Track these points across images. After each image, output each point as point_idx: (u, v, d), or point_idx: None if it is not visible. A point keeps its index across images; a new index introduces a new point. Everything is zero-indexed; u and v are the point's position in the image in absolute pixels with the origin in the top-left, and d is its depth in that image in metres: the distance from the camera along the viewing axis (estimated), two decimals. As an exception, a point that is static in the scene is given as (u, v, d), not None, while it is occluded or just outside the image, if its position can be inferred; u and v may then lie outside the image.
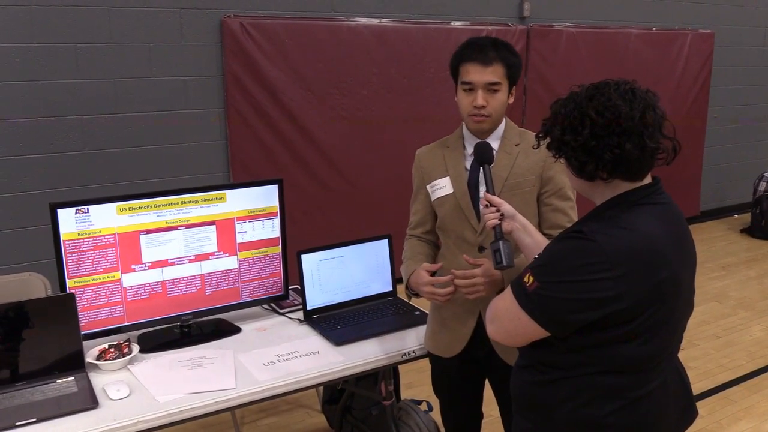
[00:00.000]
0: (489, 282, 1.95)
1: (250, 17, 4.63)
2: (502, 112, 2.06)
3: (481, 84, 1.99)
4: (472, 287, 1.95)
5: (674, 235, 1.48)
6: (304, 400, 3.54)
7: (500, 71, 1.99)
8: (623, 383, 1.46)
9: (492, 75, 1.98)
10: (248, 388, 2.05)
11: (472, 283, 1.95)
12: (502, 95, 2.02)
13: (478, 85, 1.99)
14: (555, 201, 2.08)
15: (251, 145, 4.78)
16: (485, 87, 1.99)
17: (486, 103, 2.00)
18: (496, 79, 1.99)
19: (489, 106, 2.00)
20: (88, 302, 2.25)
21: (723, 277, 5.79)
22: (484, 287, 1.95)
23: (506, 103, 2.05)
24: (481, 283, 1.94)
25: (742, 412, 3.54)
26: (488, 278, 1.94)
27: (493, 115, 2.02)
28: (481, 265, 1.96)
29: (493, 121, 2.05)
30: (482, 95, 1.99)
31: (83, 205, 2.20)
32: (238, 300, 2.53)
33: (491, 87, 1.99)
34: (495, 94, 2.00)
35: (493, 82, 1.99)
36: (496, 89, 2.00)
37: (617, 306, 1.39)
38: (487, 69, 1.98)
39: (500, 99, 2.02)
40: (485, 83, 1.99)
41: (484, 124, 2.04)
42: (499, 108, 2.03)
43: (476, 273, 1.95)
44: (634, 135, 1.40)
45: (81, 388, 2.02)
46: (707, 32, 7.06)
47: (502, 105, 2.03)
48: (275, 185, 2.52)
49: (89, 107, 4.24)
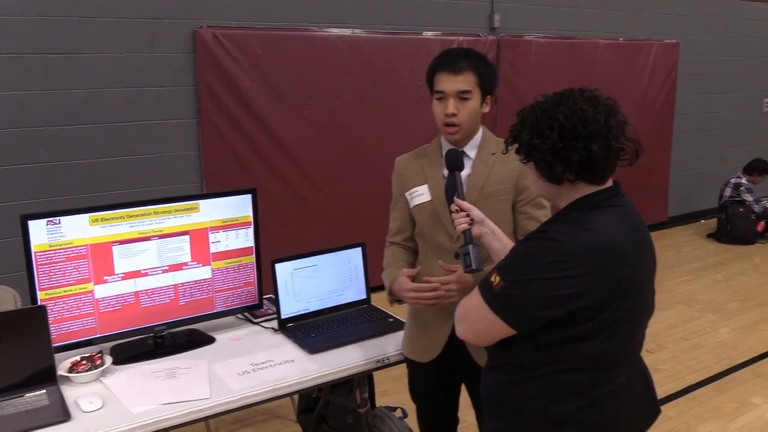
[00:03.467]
0: (463, 287, 1.98)
1: (223, 28, 4.65)
2: (475, 120, 2.10)
3: (451, 92, 2.03)
4: (446, 293, 1.99)
5: (634, 236, 1.54)
6: (279, 410, 3.54)
7: (471, 80, 2.04)
8: (588, 381, 1.51)
9: (462, 83, 2.03)
10: (223, 398, 2.06)
11: (446, 289, 1.98)
12: (473, 103, 2.06)
13: (449, 94, 2.04)
14: (530, 209, 2.12)
15: (224, 155, 4.78)
16: (456, 95, 2.03)
17: (456, 111, 2.04)
18: (466, 87, 2.03)
19: (460, 114, 2.04)
20: (59, 314, 2.23)
21: (691, 281, 5.91)
22: (457, 293, 1.98)
23: (479, 111, 2.09)
24: (454, 289, 1.98)
25: (710, 413, 3.61)
26: (462, 284, 1.98)
27: (464, 124, 2.06)
28: (455, 271, 1.99)
29: (465, 131, 2.09)
30: (453, 103, 2.04)
31: (55, 217, 2.19)
32: (212, 310, 2.53)
33: (461, 95, 2.04)
34: (466, 102, 2.04)
35: (463, 90, 2.03)
36: (466, 97, 2.04)
37: (580, 303, 1.43)
38: (458, 77, 2.03)
39: (471, 107, 2.06)
40: (455, 91, 2.03)
41: (455, 135, 2.08)
42: (471, 116, 2.06)
43: (450, 279, 1.99)
44: (599, 137, 1.46)
45: (53, 401, 2.01)
46: (672, 42, 7.23)
47: (473, 113, 2.07)
48: (249, 195, 2.53)
49: (60, 118, 4.21)
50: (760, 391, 3.84)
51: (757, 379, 4.01)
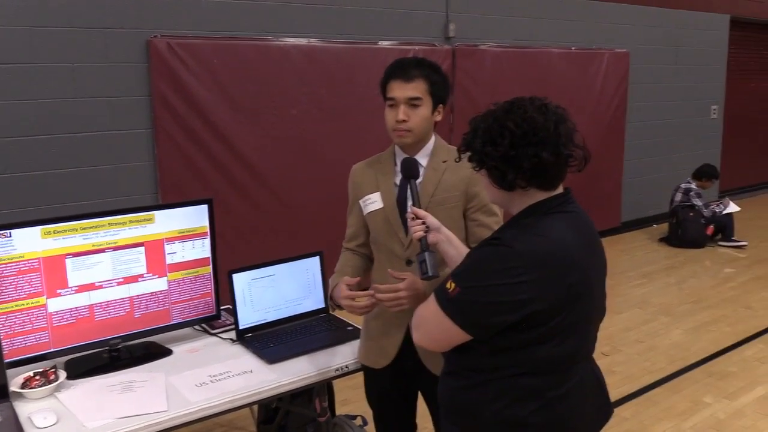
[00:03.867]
0: (412, 295, 1.99)
1: (177, 37, 4.61)
2: (426, 127, 2.13)
3: (402, 99, 2.08)
4: (395, 300, 2.00)
5: (585, 241, 1.58)
6: (238, 422, 3.51)
7: (422, 87, 2.08)
8: (542, 384, 1.54)
9: (413, 90, 2.07)
10: (180, 410, 2.04)
11: (395, 297, 1.99)
12: (423, 110, 2.09)
13: (400, 101, 2.08)
14: (480, 216, 2.15)
15: (181, 165, 4.73)
16: (406, 102, 2.08)
17: (407, 117, 2.08)
18: (416, 94, 2.07)
19: (410, 120, 2.08)
20: (11, 329, 2.19)
21: (644, 284, 6.05)
22: (407, 300, 1.99)
23: (429, 118, 2.12)
24: (404, 296, 1.98)
25: (663, 413, 3.70)
26: (412, 291, 1.99)
27: (414, 130, 2.10)
28: (404, 279, 2.01)
29: (416, 136, 2.12)
30: (403, 110, 2.08)
31: (5, 230, 2.15)
32: (168, 322, 2.50)
33: (412, 102, 2.08)
34: (416, 109, 2.08)
35: (413, 97, 2.07)
36: (416, 104, 2.08)
37: (533, 308, 1.47)
38: (409, 85, 2.07)
39: (421, 114, 2.09)
40: (406, 98, 2.07)
41: (405, 138, 2.11)
42: (421, 123, 2.10)
43: (399, 287, 1.99)
44: (549, 144, 1.50)
45: (5, 418, 1.97)
46: (623, 51, 7.41)
47: (423, 120, 2.10)
48: (205, 205, 2.52)
49: (10, 129, 4.12)
50: (712, 390, 3.96)
51: (709, 378, 4.13)
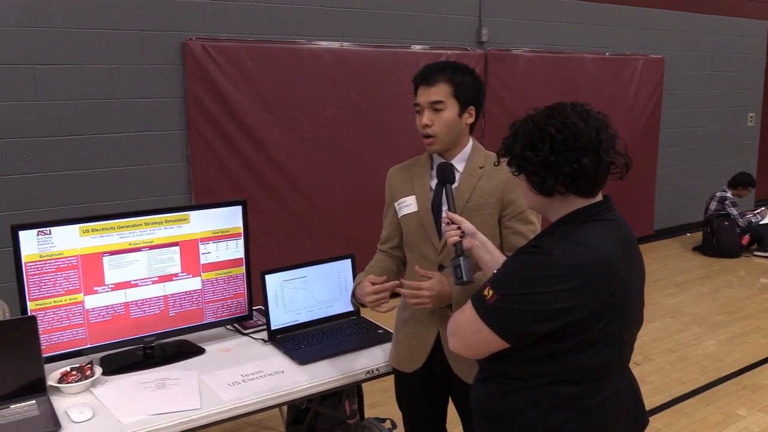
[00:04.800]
0: (435, 296, 2.00)
1: (212, 40, 4.66)
2: (453, 131, 2.11)
3: (425, 104, 2.09)
4: (418, 298, 2.00)
5: (625, 249, 1.56)
6: (267, 422, 3.53)
7: (444, 91, 2.07)
8: (578, 392, 1.52)
9: (435, 94, 2.07)
10: (213, 408, 2.06)
11: (417, 294, 2.00)
12: (447, 114, 2.08)
13: (424, 105, 2.09)
14: (515, 224, 2.12)
15: (213, 167, 4.79)
16: (429, 106, 2.08)
17: (431, 122, 2.08)
18: (438, 98, 2.07)
19: (434, 125, 2.08)
20: (49, 325, 2.23)
21: (677, 293, 5.96)
22: (429, 300, 2.00)
23: (456, 122, 2.10)
24: (426, 295, 1.99)
25: (696, 425, 3.64)
26: (435, 292, 1.99)
27: (439, 135, 2.09)
28: (431, 278, 2.01)
29: (442, 142, 2.11)
30: (427, 114, 2.08)
31: (45, 227, 2.19)
32: (201, 321, 2.53)
33: (434, 106, 2.07)
34: (439, 113, 2.08)
35: (435, 101, 2.07)
36: (439, 108, 2.07)
37: (572, 317, 1.45)
38: (431, 89, 2.07)
39: (445, 118, 2.08)
40: (429, 102, 2.08)
41: (432, 146, 2.12)
42: (446, 127, 2.09)
43: (423, 285, 2.00)
44: (590, 150, 1.48)
45: (43, 412, 2.00)
46: (658, 57, 7.32)
47: (447, 124, 2.09)
48: (239, 206, 2.54)
49: (49, 129, 4.21)
50: (746, 403, 3.88)
51: (743, 391, 4.05)
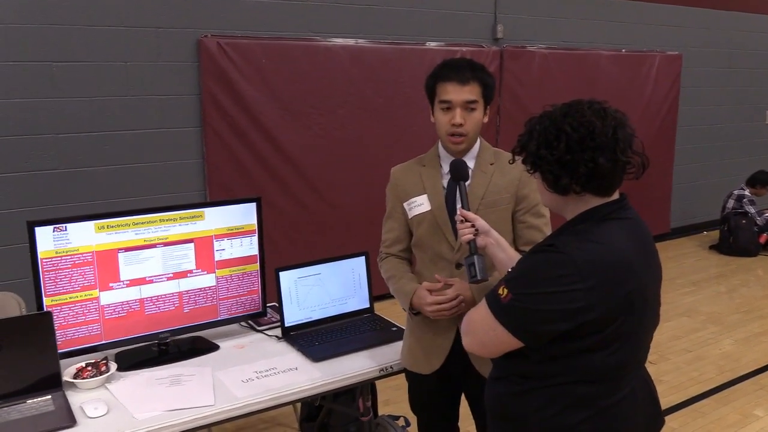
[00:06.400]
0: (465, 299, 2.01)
1: (227, 37, 4.67)
2: (478, 131, 2.11)
3: (459, 102, 2.05)
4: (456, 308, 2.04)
5: (641, 248, 1.54)
6: (281, 419, 3.54)
7: (477, 90, 2.06)
8: (594, 392, 1.51)
9: (469, 93, 2.04)
10: (227, 405, 2.06)
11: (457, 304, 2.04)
12: (478, 114, 2.08)
13: (456, 104, 2.05)
14: (529, 218, 2.13)
15: (228, 164, 4.80)
16: (463, 105, 2.05)
17: (464, 121, 2.05)
18: (473, 97, 2.05)
19: (467, 124, 2.06)
20: (65, 320, 2.25)
21: (693, 292, 5.90)
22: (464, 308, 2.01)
23: (482, 122, 2.11)
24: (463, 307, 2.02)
25: (712, 425, 3.60)
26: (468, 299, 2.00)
27: (470, 134, 2.08)
28: (452, 285, 2.01)
29: (470, 140, 2.10)
30: (460, 113, 2.05)
31: (61, 223, 2.21)
32: (216, 317, 2.54)
33: (469, 105, 2.05)
34: (472, 112, 2.06)
35: (470, 100, 2.05)
36: (473, 107, 2.06)
37: (588, 316, 1.43)
38: (465, 88, 2.04)
39: (476, 118, 2.07)
40: (463, 101, 2.04)
41: (461, 145, 2.10)
42: (476, 126, 2.08)
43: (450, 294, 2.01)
44: (606, 149, 1.46)
45: (58, 407, 2.02)
46: (675, 54, 7.25)
47: (477, 124, 2.09)
48: (253, 203, 2.54)
49: (66, 126, 4.24)
50: (763, 403, 3.84)
51: (760, 391, 4.00)
